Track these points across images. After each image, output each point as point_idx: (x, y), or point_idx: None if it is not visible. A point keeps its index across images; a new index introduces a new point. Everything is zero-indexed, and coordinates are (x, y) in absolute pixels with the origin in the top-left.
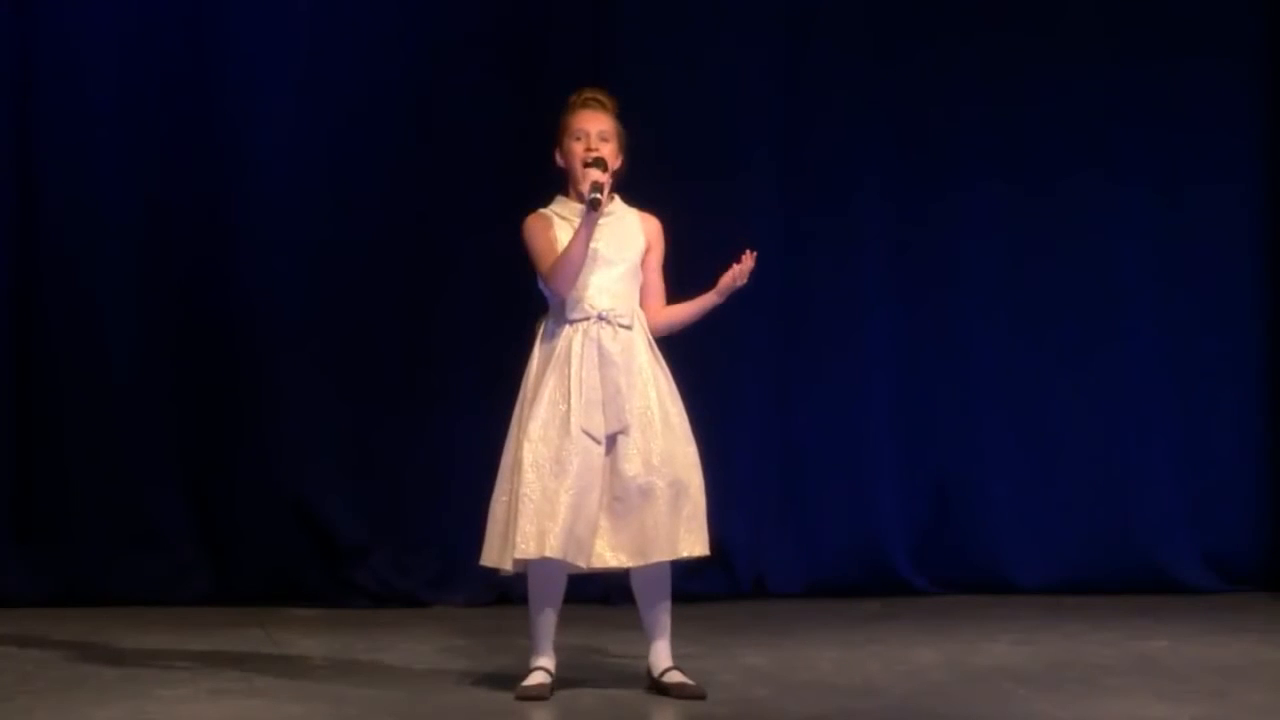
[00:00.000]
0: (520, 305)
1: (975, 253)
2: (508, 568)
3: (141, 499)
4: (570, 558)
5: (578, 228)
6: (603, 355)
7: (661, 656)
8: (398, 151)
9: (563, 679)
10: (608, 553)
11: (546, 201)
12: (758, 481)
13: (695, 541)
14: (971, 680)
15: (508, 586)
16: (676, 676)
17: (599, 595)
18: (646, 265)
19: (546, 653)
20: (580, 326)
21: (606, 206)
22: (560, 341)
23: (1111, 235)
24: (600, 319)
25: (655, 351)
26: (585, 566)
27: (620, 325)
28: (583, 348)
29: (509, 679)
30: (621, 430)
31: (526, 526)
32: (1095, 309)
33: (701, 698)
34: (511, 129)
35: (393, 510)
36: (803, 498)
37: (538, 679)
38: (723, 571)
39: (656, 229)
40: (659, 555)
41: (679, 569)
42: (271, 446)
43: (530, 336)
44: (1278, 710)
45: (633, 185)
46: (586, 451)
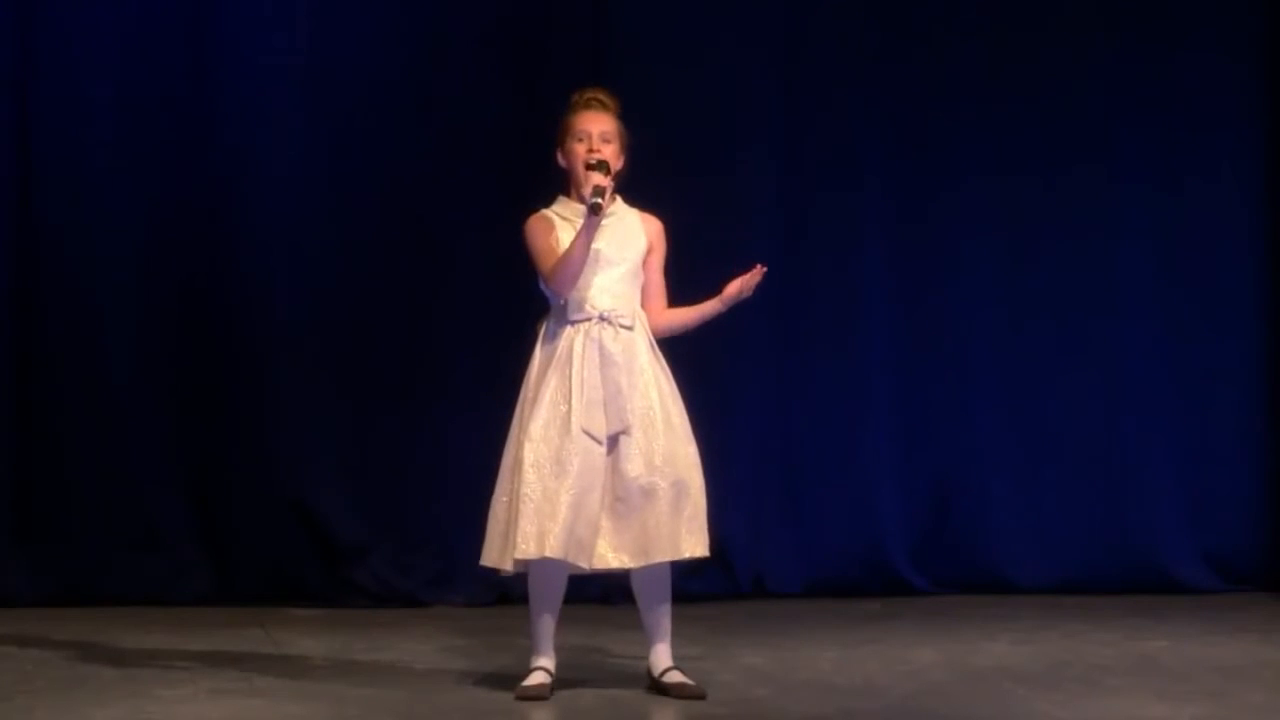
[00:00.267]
0: (521, 305)
1: (975, 252)
2: (508, 568)
3: (141, 499)
4: (571, 558)
5: (579, 230)
6: (604, 355)
7: (661, 656)
8: (398, 152)
9: (563, 679)
10: (609, 553)
11: (548, 202)
12: (758, 481)
13: (696, 542)
14: (971, 680)
15: (508, 586)
16: (676, 676)
17: (599, 595)
18: (648, 266)
19: (547, 653)
20: (582, 327)
21: (608, 208)
22: (561, 342)
23: (1111, 234)
24: (602, 319)
25: (656, 352)
26: (587, 567)
27: (621, 326)
28: (584, 348)
29: (509, 679)
30: (623, 430)
31: (527, 527)
32: (1095, 308)
33: (701, 698)
34: (512, 129)
35: (392, 510)
36: (802, 498)
37: (538, 679)
38: (722, 572)
39: (658, 229)
40: (661, 556)
41: (679, 569)
42: (271, 446)
43: (531, 337)
44: (1277, 710)
45: (633, 184)
46: (587, 451)
